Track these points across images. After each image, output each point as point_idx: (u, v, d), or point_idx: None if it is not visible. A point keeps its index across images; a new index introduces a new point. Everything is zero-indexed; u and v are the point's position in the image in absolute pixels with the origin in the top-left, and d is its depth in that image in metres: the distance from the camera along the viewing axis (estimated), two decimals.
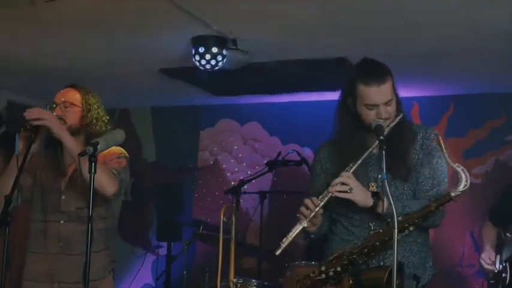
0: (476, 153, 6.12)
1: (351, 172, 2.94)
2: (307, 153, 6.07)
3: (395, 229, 2.67)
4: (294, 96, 6.47)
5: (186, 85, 6.15)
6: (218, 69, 4.82)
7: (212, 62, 4.72)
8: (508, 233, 4.43)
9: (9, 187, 2.90)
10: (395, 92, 3.07)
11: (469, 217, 2.98)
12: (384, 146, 2.85)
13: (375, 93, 2.98)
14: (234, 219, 4.04)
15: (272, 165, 5.45)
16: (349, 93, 3.08)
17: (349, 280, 2.93)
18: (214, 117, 7.19)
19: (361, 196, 2.95)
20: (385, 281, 2.80)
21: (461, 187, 2.78)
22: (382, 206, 2.82)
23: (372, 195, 2.95)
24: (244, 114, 7.04)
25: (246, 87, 6.23)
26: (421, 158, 3.08)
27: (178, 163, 7.21)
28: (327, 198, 2.92)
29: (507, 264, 4.36)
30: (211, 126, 7.22)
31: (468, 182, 2.79)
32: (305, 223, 2.92)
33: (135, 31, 4.64)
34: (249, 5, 4.09)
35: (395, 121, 2.98)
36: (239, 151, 7.05)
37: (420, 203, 2.97)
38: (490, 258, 4.46)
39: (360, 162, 2.97)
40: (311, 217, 2.92)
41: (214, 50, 4.67)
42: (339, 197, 2.93)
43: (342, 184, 2.92)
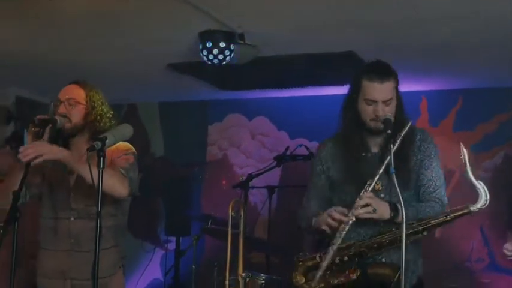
0: (485, 148, 6.09)
1: (370, 190, 2.96)
2: (315, 147, 6.05)
3: (403, 225, 2.72)
4: (302, 90, 6.46)
5: (193, 80, 6.15)
6: (226, 63, 4.81)
7: (220, 56, 4.71)
8: None
9: (17, 183, 2.91)
10: (398, 95, 3.10)
11: (479, 212, 2.99)
12: (392, 140, 2.88)
13: (375, 89, 3.02)
14: (242, 214, 4.05)
15: (280, 159, 5.46)
16: (354, 90, 3.12)
17: (356, 271, 2.96)
18: (222, 112, 7.19)
19: (383, 212, 2.98)
20: (395, 279, 2.86)
21: (480, 205, 2.89)
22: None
23: (391, 208, 2.98)
24: (252, 109, 7.04)
25: (254, 82, 6.23)
26: (422, 161, 3.14)
27: (187, 158, 7.21)
28: (351, 222, 2.94)
29: None
30: (219, 121, 7.22)
31: (487, 201, 2.88)
32: (335, 247, 2.95)
33: (143, 26, 4.64)
34: None
35: (404, 130, 2.95)
36: (247, 146, 7.05)
37: (430, 206, 3.06)
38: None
39: (358, 161, 3.07)
40: (337, 242, 2.95)
41: (222, 44, 4.66)
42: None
43: (365, 206, 2.95)
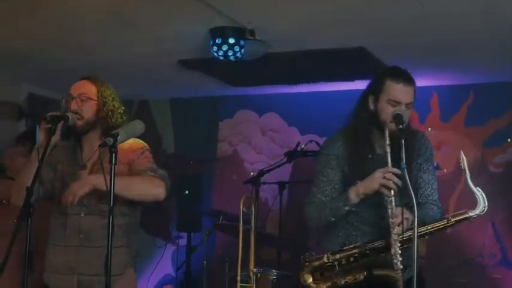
0: (496, 143, 6.06)
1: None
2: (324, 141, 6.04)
3: (415, 225, 2.76)
4: (312, 86, 6.46)
5: (204, 76, 6.16)
6: (236, 59, 4.82)
7: (229, 52, 4.72)
8: None
9: (30, 179, 2.91)
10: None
11: (490, 207, 2.98)
12: (404, 135, 2.90)
13: (401, 91, 3.05)
14: (253, 210, 4.06)
15: (291, 155, 5.46)
16: (373, 89, 3.13)
17: (363, 272, 2.98)
18: (233, 108, 7.19)
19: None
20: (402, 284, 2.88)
21: (479, 211, 2.99)
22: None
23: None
24: (262, 105, 7.04)
25: (264, 78, 6.23)
26: (421, 164, 3.18)
27: (198, 154, 7.23)
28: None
29: None
30: (229, 117, 7.22)
31: (486, 207, 2.99)
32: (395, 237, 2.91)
33: (154, 23, 4.65)
34: None
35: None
36: (258, 142, 7.05)
37: (430, 208, 3.14)
38: None
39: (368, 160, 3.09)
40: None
41: (231, 40, 4.67)
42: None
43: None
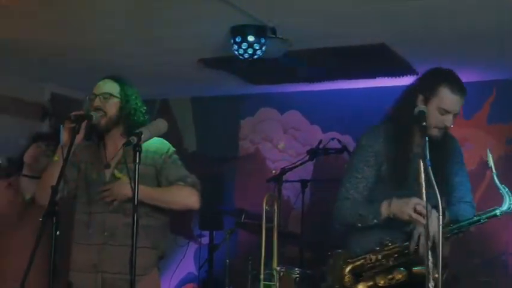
0: None
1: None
2: (348, 140, 6.03)
3: (439, 225, 2.75)
4: (333, 83, 6.44)
5: (225, 74, 6.16)
6: (257, 58, 4.82)
7: (249, 50, 4.72)
8: None
9: (55, 178, 2.94)
10: None
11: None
12: (427, 133, 2.92)
13: (455, 102, 3.11)
14: (276, 208, 4.06)
15: (313, 153, 5.46)
16: (425, 90, 3.14)
17: (403, 272, 3.02)
18: (254, 106, 7.19)
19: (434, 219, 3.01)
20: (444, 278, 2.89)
21: (505, 208, 3.04)
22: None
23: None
24: (284, 103, 7.03)
25: (285, 76, 6.22)
26: (453, 165, 3.23)
27: (219, 153, 7.24)
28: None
29: None
30: (251, 115, 7.22)
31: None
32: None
33: (175, 21, 4.66)
34: None
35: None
36: (279, 140, 7.05)
37: (463, 208, 3.17)
38: None
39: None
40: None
41: (251, 38, 4.67)
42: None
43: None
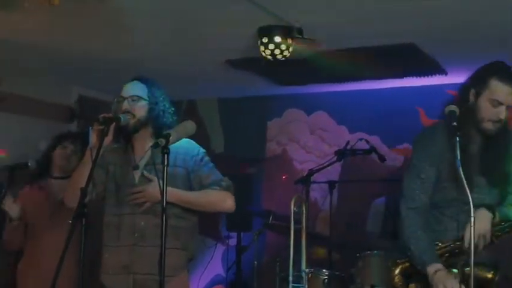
0: None
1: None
2: (376, 141, 5.99)
3: (471, 217, 2.72)
4: (361, 84, 6.41)
5: (252, 75, 6.16)
6: (283, 58, 4.80)
7: (276, 51, 4.71)
8: None
9: (84, 180, 2.94)
10: None
11: None
12: (458, 133, 2.86)
13: (506, 92, 3.01)
14: (304, 209, 4.04)
15: (341, 154, 5.42)
16: (476, 84, 3.08)
17: (455, 274, 2.99)
18: (281, 107, 7.18)
19: (487, 222, 3.01)
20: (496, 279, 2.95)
21: None
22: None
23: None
24: (311, 104, 7.01)
25: (312, 76, 6.20)
26: (510, 160, 3.13)
27: (246, 154, 7.23)
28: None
29: None
30: (278, 116, 7.21)
31: None
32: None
33: (202, 22, 4.66)
34: None
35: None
36: (307, 141, 7.03)
37: None
38: None
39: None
40: None
41: (277, 39, 4.66)
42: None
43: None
